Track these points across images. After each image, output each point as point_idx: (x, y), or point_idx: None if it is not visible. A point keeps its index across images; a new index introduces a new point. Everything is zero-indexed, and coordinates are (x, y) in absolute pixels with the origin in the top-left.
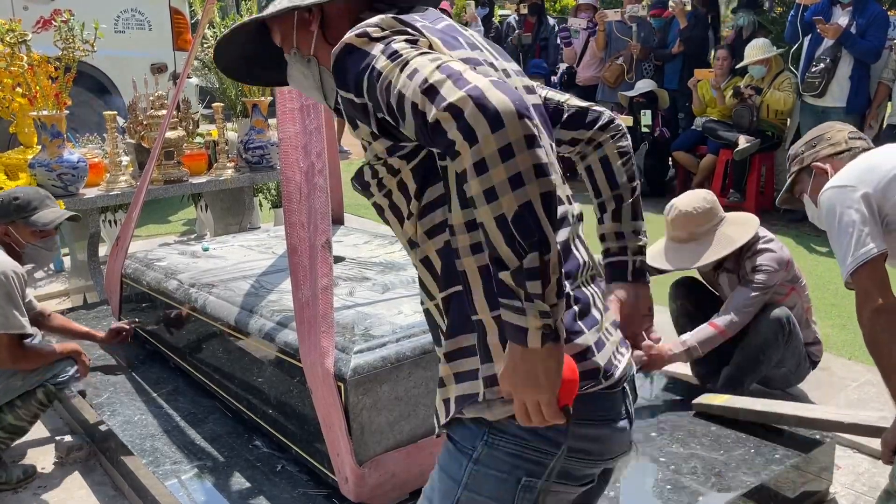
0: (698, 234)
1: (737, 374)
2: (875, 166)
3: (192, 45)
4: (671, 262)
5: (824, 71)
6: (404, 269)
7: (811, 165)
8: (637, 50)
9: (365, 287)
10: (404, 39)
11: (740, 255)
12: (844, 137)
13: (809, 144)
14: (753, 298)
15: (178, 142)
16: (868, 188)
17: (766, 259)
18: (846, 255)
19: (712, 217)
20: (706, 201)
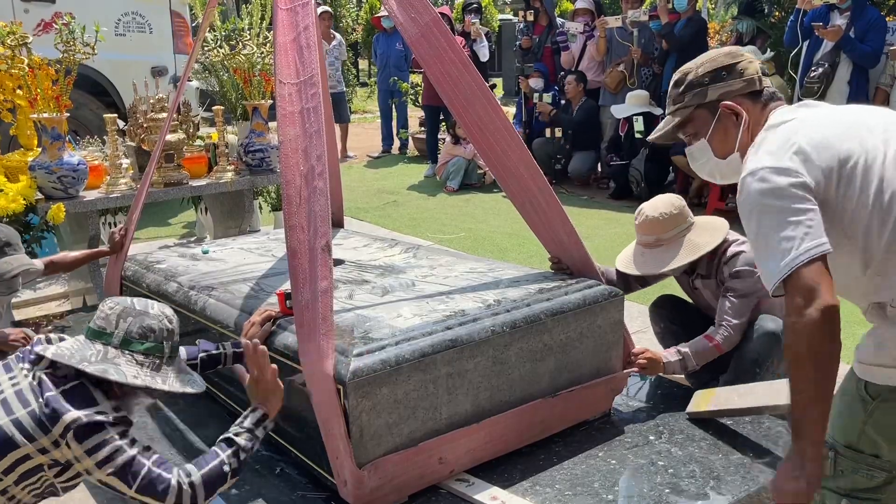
0: (665, 239)
1: (735, 383)
2: (824, 144)
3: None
4: (638, 266)
5: (823, 75)
6: (403, 273)
7: (719, 104)
8: (638, 55)
9: (364, 290)
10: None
11: (714, 260)
12: (756, 71)
13: (715, 74)
14: (741, 307)
15: (179, 144)
16: (815, 176)
17: (742, 262)
18: (788, 249)
19: (680, 222)
20: (674, 206)
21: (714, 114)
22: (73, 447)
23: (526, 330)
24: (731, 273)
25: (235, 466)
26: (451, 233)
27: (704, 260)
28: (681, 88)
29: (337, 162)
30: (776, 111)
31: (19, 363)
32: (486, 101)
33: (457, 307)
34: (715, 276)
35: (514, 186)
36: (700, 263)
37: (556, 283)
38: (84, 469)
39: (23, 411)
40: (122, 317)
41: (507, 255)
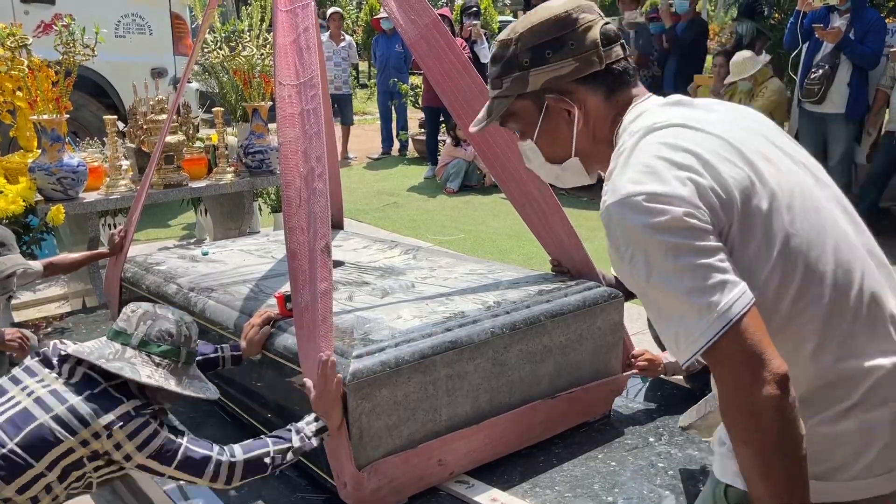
0: None
1: None
2: (720, 162)
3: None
4: None
5: (823, 77)
6: (403, 274)
7: (544, 97)
8: (635, 57)
9: (364, 292)
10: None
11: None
12: (596, 40)
13: (538, 53)
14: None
15: (179, 146)
16: (711, 205)
17: None
18: (707, 305)
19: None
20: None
21: (540, 107)
22: (115, 435)
23: (525, 332)
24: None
25: (279, 463)
26: (451, 234)
27: None
28: (498, 68)
29: (337, 163)
30: (639, 105)
31: (44, 367)
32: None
33: (456, 309)
34: None
35: (514, 188)
36: None
37: (556, 284)
38: (123, 456)
39: (62, 407)
40: (143, 319)
41: (507, 257)
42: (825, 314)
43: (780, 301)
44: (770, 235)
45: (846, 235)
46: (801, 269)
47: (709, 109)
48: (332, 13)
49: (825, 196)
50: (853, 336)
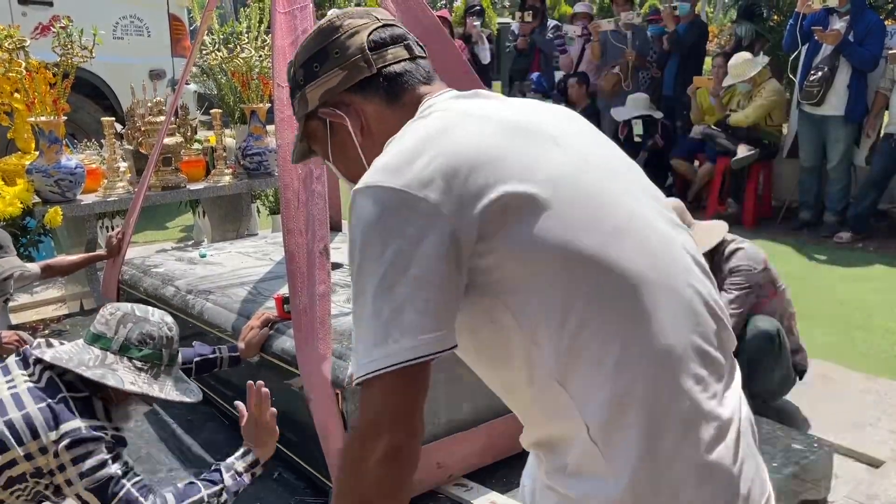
0: None
1: None
2: (487, 161)
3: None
4: None
5: (822, 79)
6: None
7: (319, 111)
8: (633, 58)
9: None
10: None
11: (713, 259)
12: (362, 46)
13: (308, 69)
14: (738, 299)
15: (177, 148)
16: (461, 208)
17: (741, 259)
18: (383, 337)
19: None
20: (673, 209)
21: (325, 125)
22: (61, 455)
23: None
24: (731, 269)
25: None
26: None
27: (707, 259)
28: (290, 92)
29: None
30: (429, 100)
31: (18, 368)
32: None
33: None
34: (715, 276)
35: None
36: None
37: None
38: (65, 480)
39: (17, 413)
40: (123, 322)
41: None
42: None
43: (567, 316)
44: (541, 235)
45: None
46: (587, 277)
47: (505, 101)
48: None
49: (632, 190)
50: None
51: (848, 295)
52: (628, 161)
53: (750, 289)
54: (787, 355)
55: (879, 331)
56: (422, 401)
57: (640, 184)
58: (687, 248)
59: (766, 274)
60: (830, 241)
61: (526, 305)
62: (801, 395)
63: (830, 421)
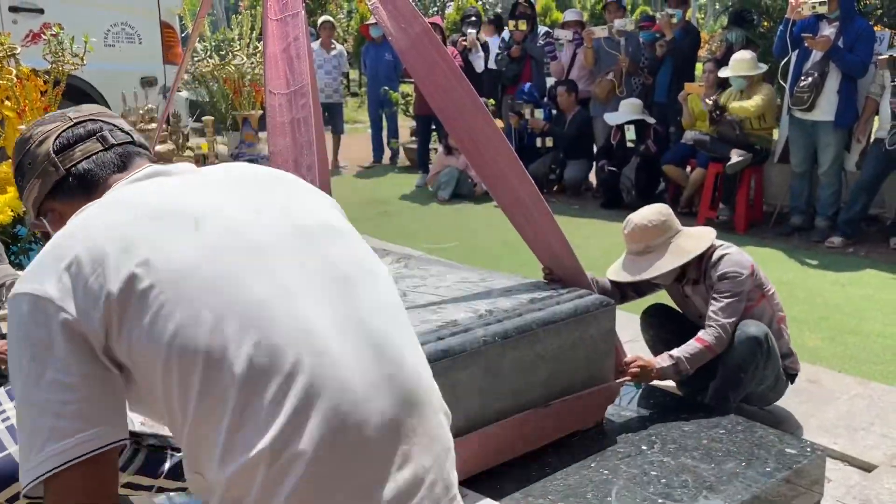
0: (654, 246)
1: (721, 389)
2: (109, 251)
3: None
4: (628, 271)
5: (812, 85)
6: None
7: (35, 222)
8: (626, 64)
9: None
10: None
11: (701, 264)
12: (48, 152)
13: (21, 172)
14: (729, 306)
15: (169, 155)
16: (86, 306)
17: (729, 264)
18: (32, 442)
19: (667, 229)
20: (661, 214)
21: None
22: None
23: (518, 340)
24: (719, 275)
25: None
26: (443, 243)
27: (693, 265)
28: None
29: (328, 173)
30: (114, 188)
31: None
32: (477, 113)
33: (448, 317)
34: (704, 281)
35: (505, 196)
36: (689, 269)
37: (548, 292)
38: None
39: (15, 447)
40: None
41: (500, 265)
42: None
43: (186, 406)
44: (155, 331)
45: (294, 311)
46: (203, 364)
47: (185, 177)
48: (323, 22)
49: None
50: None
51: (839, 299)
52: (324, 224)
53: (738, 295)
54: (776, 359)
55: (871, 335)
56: (109, 486)
57: (319, 254)
58: (364, 315)
59: (754, 278)
60: (821, 245)
61: (154, 395)
62: (793, 400)
63: (823, 425)
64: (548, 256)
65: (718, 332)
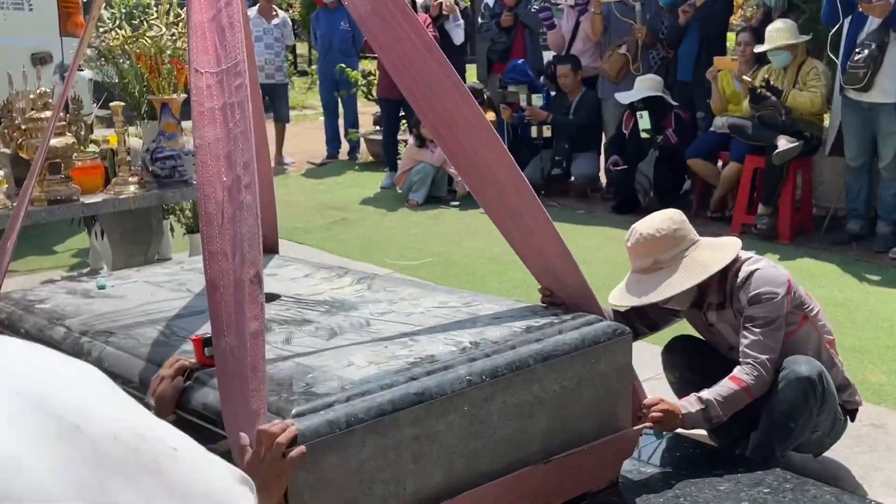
0: (664, 261)
1: (766, 442)
2: None
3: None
4: (633, 293)
5: (869, 59)
6: (355, 309)
7: None
8: (643, 35)
9: (306, 332)
10: None
11: (725, 284)
12: None
13: None
14: (766, 338)
15: (67, 151)
16: None
17: (760, 282)
18: None
19: (680, 240)
20: (672, 221)
21: None
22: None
23: (510, 379)
24: (749, 298)
25: None
26: (416, 258)
27: (715, 285)
28: None
29: (270, 171)
30: None
31: None
32: (456, 94)
33: (424, 352)
34: (730, 305)
35: (494, 199)
36: (709, 290)
37: (548, 319)
38: None
39: None
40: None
41: (487, 285)
42: None
43: None
44: None
45: None
46: None
47: None
48: None
49: None
50: None
51: None
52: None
53: (775, 322)
54: (833, 400)
55: None
56: None
57: None
58: None
59: (791, 297)
60: (885, 257)
61: None
62: (854, 449)
63: (891, 481)
64: (547, 274)
65: (757, 371)
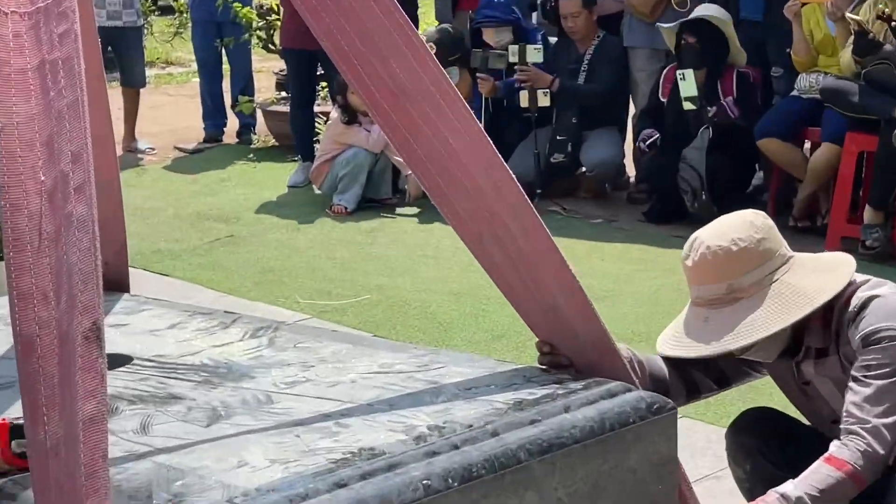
0: (743, 288)
1: None
2: None
3: None
4: (696, 338)
5: None
6: (249, 377)
7: None
8: None
9: (173, 414)
10: None
11: (831, 320)
12: None
13: None
14: (888, 395)
15: None
16: None
17: (879, 316)
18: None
19: (767, 256)
20: (755, 228)
21: None
22: None
23: (492, 484)
24: (863, 337)
25: None
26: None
27: (816, 323)
28: None
29: (115, 164)
30: None
31: None
32: (404, 44)
33: (357, 443)
34: (836, 350)
35: (463, 205)
36: (809, 331)
37: (548, 390)
38: None
39: None
40: None
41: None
42: None
43: None
44: None
45: None
46: None
47: None
48: None
49: None
50: None
51: None
52: None
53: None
54: None
55: None
56: None
57: None
58: None
59: None
60: None
61: None
62: None
63: None
64: (546, 319)
65: (868, 443)
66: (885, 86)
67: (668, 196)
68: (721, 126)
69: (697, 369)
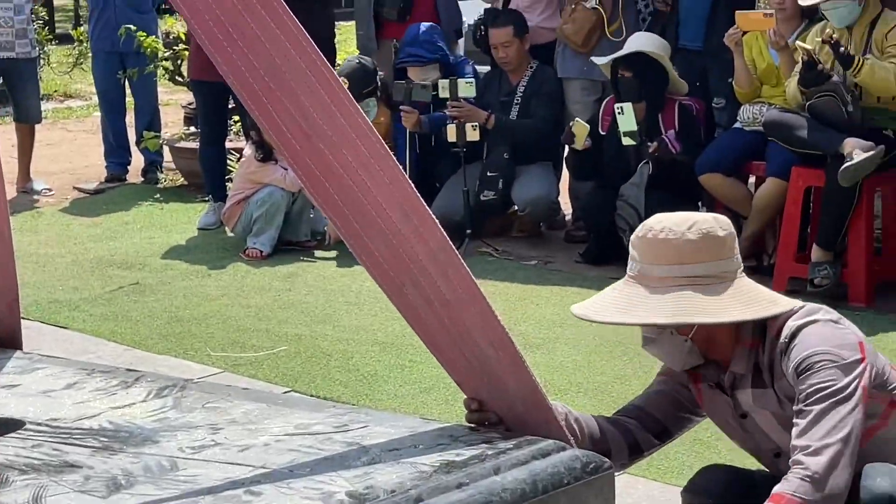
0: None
1: None
2: None
3: None
4: (642, 309)
5: None
6: (153, 442)
7: None
8: None
9: (69, 485)
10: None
11: (761, 346)
12: None
13: None
14: (830, 416)
15: None
16: None
17: (814, 340)
18: None
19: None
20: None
21: None
22: None
23: None
24: (796, 364)
25: None
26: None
27: (742, 346)
28: None
29: (4, 206)
30: None
31: None
32: (316, 79)
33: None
34: (771, 382)
35: (382, 251)
36: (736, 355)
37: (477, 450)
38: None
39: None
40: None
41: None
42: None
43: None
44: None
45: None
46: None
47: None
48: None
49: None
50: None
51: None
52: None
53: (845, 392)
54: None
55: None
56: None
57: None
58: None
59: (870, 370)
60: None
61: None
62: None
63: None
64: (473, 374)
65: (808, 467)
66: (830, 120)
67: (605, 235)
68: (661, 161)
69: (636, 425)
